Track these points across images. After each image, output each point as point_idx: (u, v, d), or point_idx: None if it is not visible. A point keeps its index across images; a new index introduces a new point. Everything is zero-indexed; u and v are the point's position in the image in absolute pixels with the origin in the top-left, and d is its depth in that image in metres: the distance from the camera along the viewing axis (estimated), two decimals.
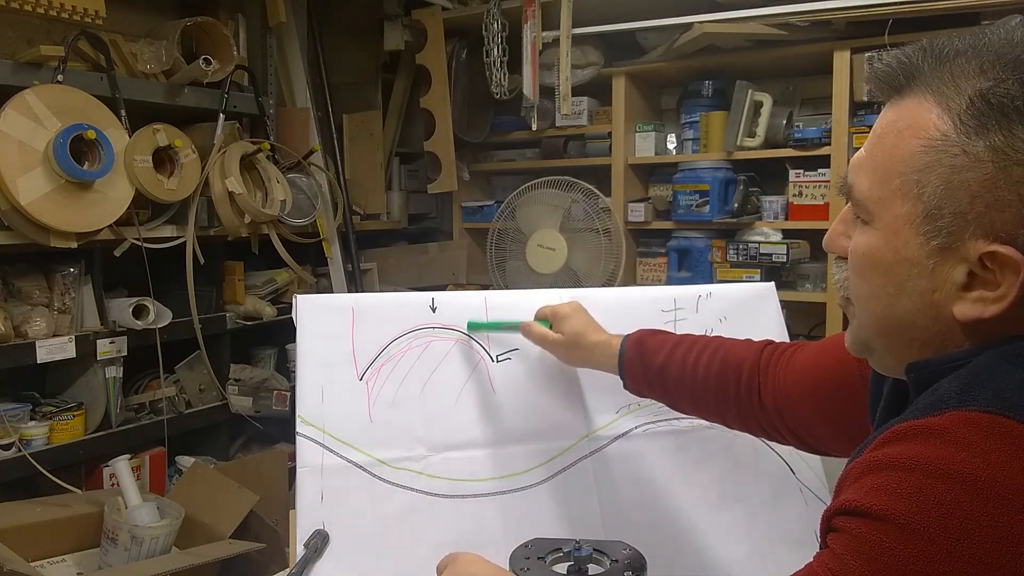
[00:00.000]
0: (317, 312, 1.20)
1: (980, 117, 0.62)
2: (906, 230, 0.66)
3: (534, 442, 1.21)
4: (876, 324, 0.72)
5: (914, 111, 0.66)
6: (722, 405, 1.09)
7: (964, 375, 0.64)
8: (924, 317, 0.68)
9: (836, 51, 2.42)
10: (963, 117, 0.63)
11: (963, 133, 0.63)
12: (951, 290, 0.66)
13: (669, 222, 2.86)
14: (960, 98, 0.64)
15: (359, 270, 2.85)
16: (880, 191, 0.68)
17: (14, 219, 1.90)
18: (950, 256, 0.65)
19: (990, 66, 0.64)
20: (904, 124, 0.67)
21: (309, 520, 1.09)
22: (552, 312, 1.23)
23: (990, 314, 0.64)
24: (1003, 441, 0.58)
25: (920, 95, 0.66)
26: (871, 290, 0.71)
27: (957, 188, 0.63)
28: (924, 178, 0.65)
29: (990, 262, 0.63)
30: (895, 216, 0.67)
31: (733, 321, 1.34)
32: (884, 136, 0.69)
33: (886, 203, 0.68)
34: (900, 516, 0.57)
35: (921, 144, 0.65)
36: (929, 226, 0.65)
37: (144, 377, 2.36)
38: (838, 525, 0.62)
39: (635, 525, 1.19)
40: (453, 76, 3.00)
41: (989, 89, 0.62)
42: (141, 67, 2.23)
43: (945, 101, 0.64)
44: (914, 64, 0.68)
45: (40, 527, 1.86)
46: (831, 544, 0.62)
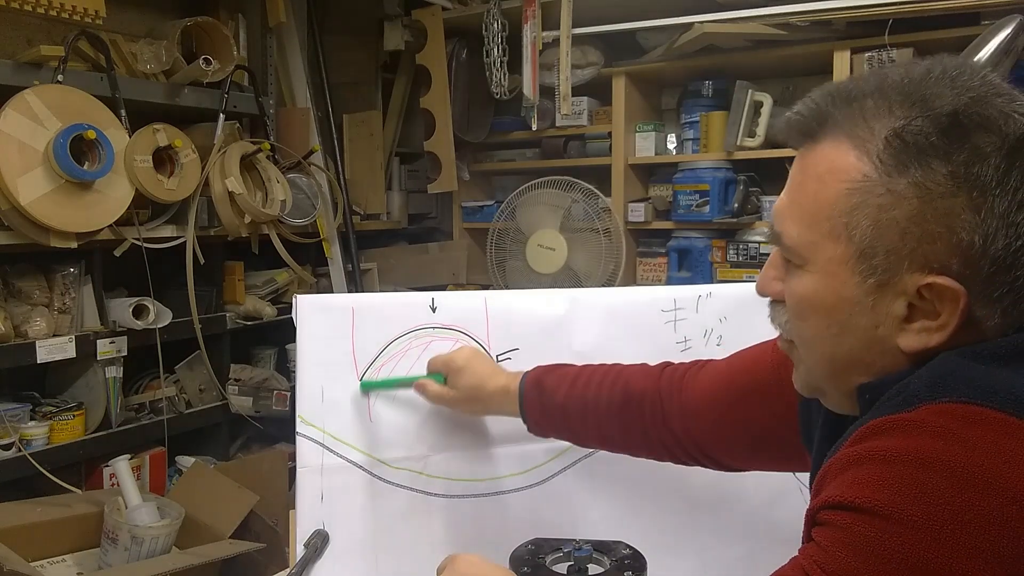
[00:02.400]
0: (317, 312, 1.20)
1: (898, 155, 0.64)
2: (842, 271, 0.67)
3: (534, 442, 1.21)
4: (823, 365, 0.73)
5: (831, 155, 0.67)
6: (628, 435, 1.06)
7: (928, 373, 0.65)
8: (869, 353, 0.69)
9: (836, 51, 2.42)
10: (882, 157, 0.64)
11: (884, 172, 0.64)
12: (893, 324, 0.67)
13: (669, 222, 2.85)
14: (875, 139, 0.65)
15: (359, 270, 2.85)
16: (810, 235, 0.69)
17: (14, 219, 1.90)
18: (888, 291, 0.66)
19: (898, 105, 0.65)
20: (824, 168, 0.68)
21: (309, 520, 1.09)
22: (444, 364, 1.15)
23: (935, 343, 0.65)
24: (981, 428, 0.59)
25: (834, 139, 0.67)
26: (814, 332, 0.72)
27: (886, 226, 0.64)
28: (853, 220, 0.66)
29: (928, 293, 0.64)
30: (829, 259, 0.68)
31: (733, 321, 1.34)
32: (805, 182, 0.70)
33: (818, 247, 0.69)
34: (886, 507, 0.58)
35: (846, 187, 0.66)
36: (864, 265, 0.66)
37: (144, 377, 2.36)
38: (823, 519, 0.62)
39: (635, 525, 1.19)
40: (453, 76, 3.00)
41: (902, 128, 0.64)
42: (141, 67, 2.23)
43: (861, 143, 0.66)
44: (823, 110, 0.69)
45: (40, 527, 1.85)
46: (816, 537, 0.62)
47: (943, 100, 0.63)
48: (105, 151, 1.99)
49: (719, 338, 1.33)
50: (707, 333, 1.32)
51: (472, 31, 2.94)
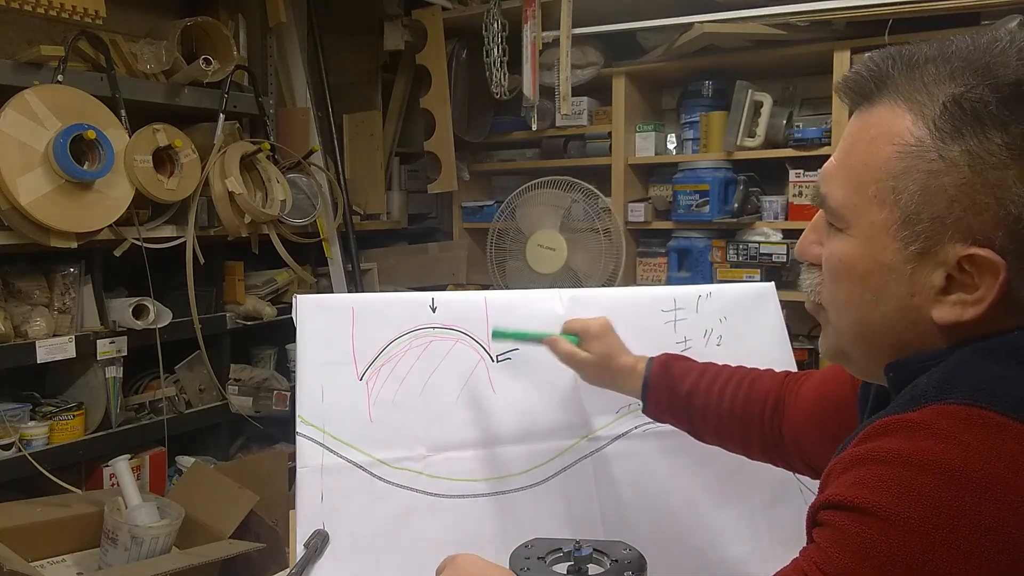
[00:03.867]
0: (317, 312, 1.20)
1: (955, 122, 0.63)
2: (883, 236, 0.67)
3: (534, 442, 1.21)
4: (853, 331, 0.72)
5: (886, 118, 0.67)
6: (746, 437, 1.08)
7: (941, 371, 0.65)
8: (902, 322, 0.68)
9: (836, 51, 2.42)
10: (938, 123, 0.64)
11: (938, 138, 0.64)
12: (929, 294, 0.66)
13: (669, 222, 2.86)
14: (933, 104, 0.64)
15: (359, 270, 2.85)
16: (855, 198, 0.69)
17: (14, 219, 1.90)
18: (928, 261, 0.65)
19: (960, 72, 0.64)
20: (877, 132, 0.67)
21: (309, 520, 1.09)
22: (583, 328, 1.17)
23: (969, 316, 0.65)
24: (981, 431, 0.59)
25: (891, 102, 0.67)
26: (848, 297, 0.71)
27: (935, 193, 0.64)
28: (901, 184, 0.65)
29: (968, 265, 0.64)
30: (871, 223, 0.68)
31: (733, 321, 1.34)
32: (856, 144, 0.69)
33: (862, 210, 0.68)
34: (882, 508, 0.58)
35: (896, 150, 0.65)
36: (907, 231, 0.66)
37: (144, 377, 2.36)
38: (823, 519, 0.63)
39: (635, 525, 1.19)
40: (453, 76, 3.00)
41: (962, 94, 0.63)
42: (141, 67, 2.23)
43: (918, 107, 0.65)
44: (884, 71, 0.68)
45: (40, 527, 1.86)
46: (816, 538, 0.63)
47: (1007, 70, 0.62)
48: (105, 151, 1.99)
49: (719, 338, 1.33)
50: (707, 333, 1.33)
51: (472, 31, 2.94)
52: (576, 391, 1.25)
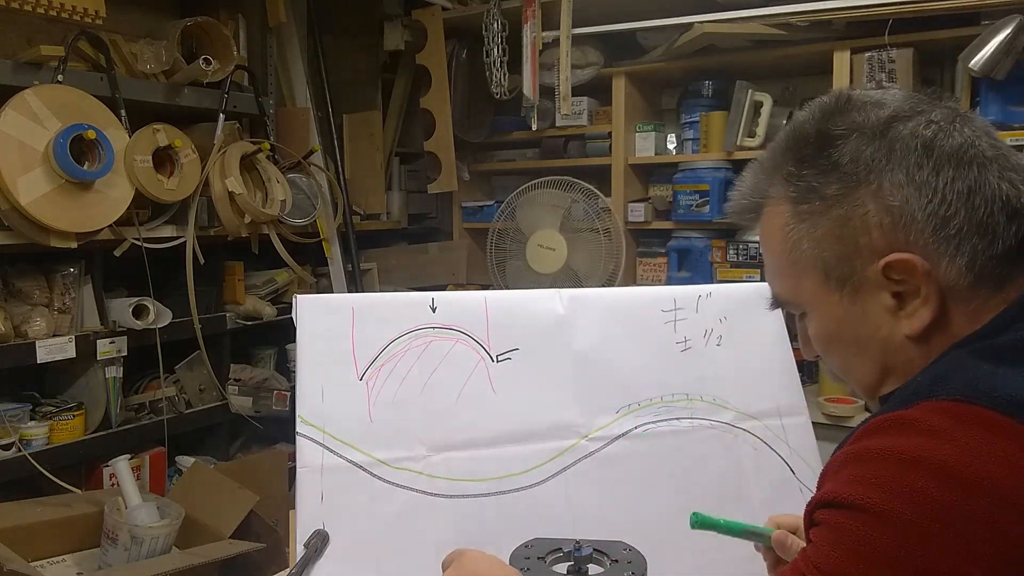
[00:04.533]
0: (317, 312, 1.20)
1: (798, 187, 0.74)
2: (823, 296, 0.75)
3: (534, 442, 1.21)
4: (866, 388, 0.78)
5: (768, 218, 0.79)
6: None
7: (933, 370, 0.68)
8: (890, 356, 0.73)
9: (836, 51, 2.42)
10: (790, 196, 0.75)
11: (799, 203, 0.74)
12: (890, 318, 0.72)
13: (669, 222, 2.86)
14: (781, 183, 0.76)
15: (359, 270, 2.85)
16: (788, 285, 0.78)
17: (14, 219, 1.90)
18: (866, 292, 0.72)
19: (786, 150, 0.77)
20: (767, 231, 0.79)
21: (309, 520, 1.09)
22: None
23: (931, 316, 0.69)
24: (973, 428, 0.60)
25: (767, 206, 0.79)
26: (843, 362, 0.79)
27: (823, 240, 0.73)
28: (799, 253, 0.75)
29: (894, 274, 0.70)
30: (811, 293, 0.76)
31: (733, 321, 1.34)
32: (765, 249, 0.81)
33: (798, 290, 0.77)
34: (876, 505, 0.59)
35: (782, 232, 0.76)
36: (833, 281, 0.74)
37: (144, 377, 2.36)
38: (819, 518, 0.64)
39: (635, 525, 1.19)
40: (453, 76, 3.00)
41: (795, 164, 0.75)
42: (141, 67, 2.23)
43: (778, 193, 0.77)
44: (752, 188, 0.80)
45: (40, 527, 1.85)
46: (813, 538, 0.64)
47: (811, 128, 0.75)
48: (105, 151, 1.99)
49: (719, 338, 1.33)
50: (707, 333, 1.33)
51: (472, 31, 2.94)
52: (576, 391, 1.25)
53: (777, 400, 1.31)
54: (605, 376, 1.24)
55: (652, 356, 1.28)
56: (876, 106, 0.73)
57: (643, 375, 1.26)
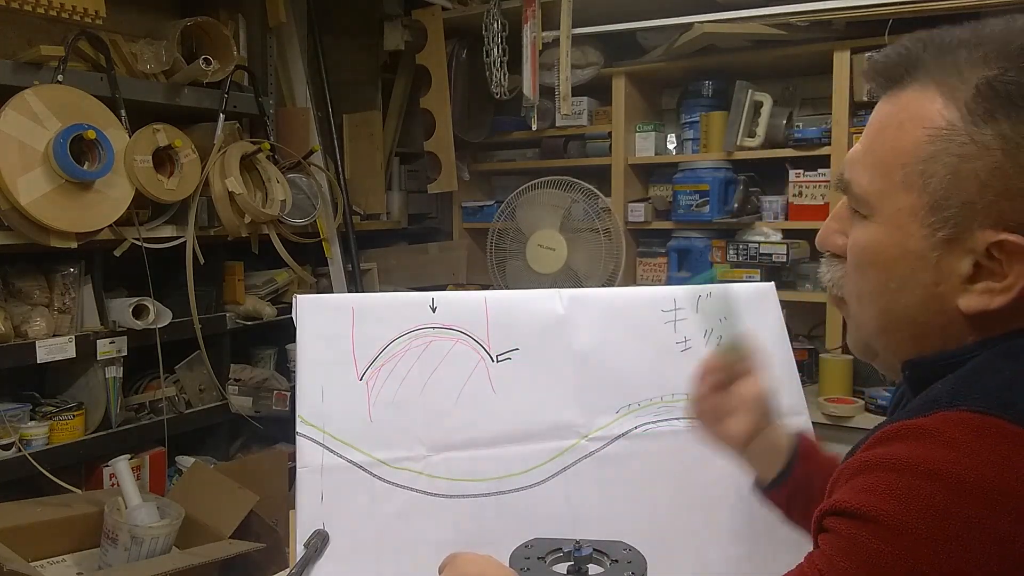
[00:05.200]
0: (317, 312, 1.20)
1: (988, 105, 0.61)
2: (910, 222, 0.65)
3: (534, 442, 1.21)
4: (877, 321, 0.71)
5: (916, 102, 0.65)
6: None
7: (957, 376, 0.64)
8: (927, 312, 0.67)
9: (836, 51, 2.42)
10: (970, 106, 0.62)
11: (970, 121, 0.62)
12: (956, 283, 0.64)
13: (669, 222, 2.86)
14: (966, 87, 0.63)
15: (359, 270, 2.85)
16: (882, 184, 0.67)
17: (14, 219, 1.90)
18: (956, 248, 0.64)
19: (994, 56, 0.63)
20: (906, 116, 0.66)
21: (309, 520, 1.09)
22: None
23: (996, 305, 0.63)
24: (992, 440, 0.58)
25: (922, 86, 0.65)
26: (872, 286, 0.69)
27: (965, 177, 0.62)
28: (930, 168, 0.64)
29: (998, 252, 0.62)
30: (898, 209, 0.66)
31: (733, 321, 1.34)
32: (884, 129, 0.68)
33: (888, 196, 0.66)
34: (888, 517, 0.57)
35: (927, 134, 0.64)
36: (935, 217, 0.64)
37: (144, 377, 2.36)
38: (828, 525, 0.62)
39: (635, 525, 1.19)
40: (453, 76, 3.00)
41: (995, 77, 0.62)
42: (141, 67, 2.23)
43: (950, 91, 0.63)
44: (915, 55, 0.67)
45: (40, 527, 1.85)
46: (821, 544, 0.62)
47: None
48: (105, 151, 1.99)
49: (719, 338, 1.33)
50: (707, 333, 1.32)
51: (472, 31, 2.94)
52: (576, 391, 1.25)
53: (777, 400, 1.31)
54: (605, 376, 1.24)
55: (652, 356, 1.28)
56: None
57: (643, 375, 1.26)
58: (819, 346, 2.60)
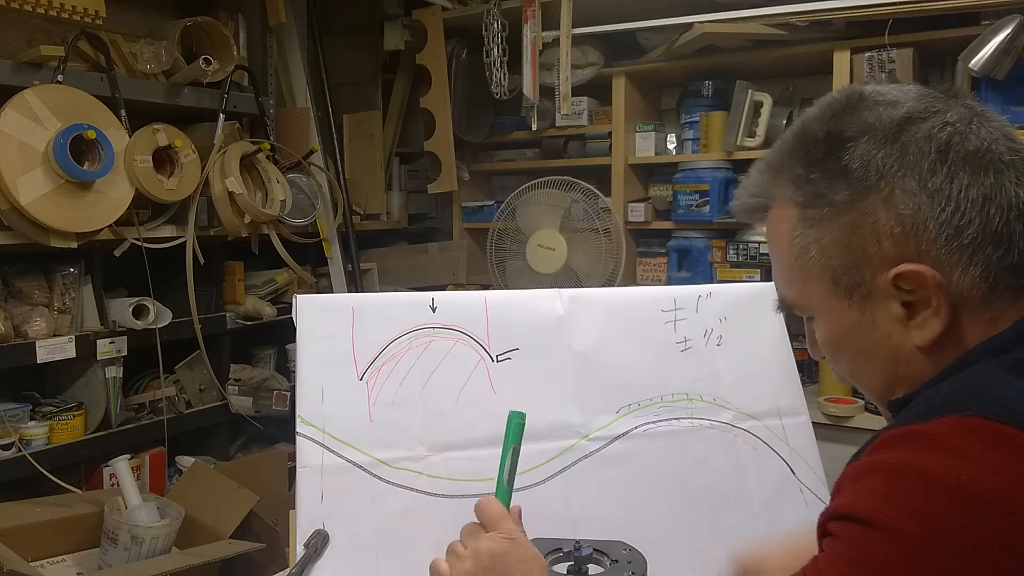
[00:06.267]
0: (317, 312, 1.20)
1: (807, 192, 0.72)
2: (832, 302, 0.73)
3: (534, 442, 1.21)
4: (873, 392, 0.77)
5: (774, 220, 0.77)
6: None
7: (958, 382, 0.65)
8: (898, 364, 0.72)
9: (836, 51, 2.42)
10: (797, 198, 0.73)
11: (805, 206, 0.72)
12: (900, 328, 0.70)
13: (669, 222, 2.86)
14: (792, 187, 0.74)
15: (359, 270, 2.85)
16: (796, 289, 0.77)
17: (14, 219, 1.90)
18: (876, 301, 0.71)
19: (794, 152, 0.74)
20: (774, 233, 0.78)
21: (309, 520, 1.09)
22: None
23: (941, 327, 0.68)
24: (996, 447, 0.58)
25: (772, 206, 0.77)
26: (850, 367, 0.77)
27: (831, 248, 0.71)
28: (808, 260, 0.73)
29: (904, 284, 0.68)
30: (818, 299, 0.75)
31: (733, 321, 1.34)
32: (772, 251, 0.80)
33: (806, 295, 0.76)
34: (890, 522, 0.58)
35: (789, 237, 0.75)
36: (842, 288, 0.72)
37: (144, 377, 2.36)
38: (832, 530, 0.62)
39: (635, 525, 1.19)
40: (453, 76, 3.00)
41: (802, 167, 0.73)
42: (141, 67, 2.23)
43: (786, 196, 0.75)
44: (759, 186, 0.78)
45: (40, 527, 1.85)
46: (825, 548, 0.63)
47: (817, 129, 0.73)
48: (105, 151, 1.99)
49: (719, 338, 1.33)
50: (707, 333, 1.33)
51: (472, 31, 2.94)
52: (576, 391, 1.25)
53: (777, 400, 1.31)
54: (605, 376, 1.24)
55: (652, 356, 1.28)
56: (889, 106, 0.71)
57: (643, 375, 1.26)
58: None
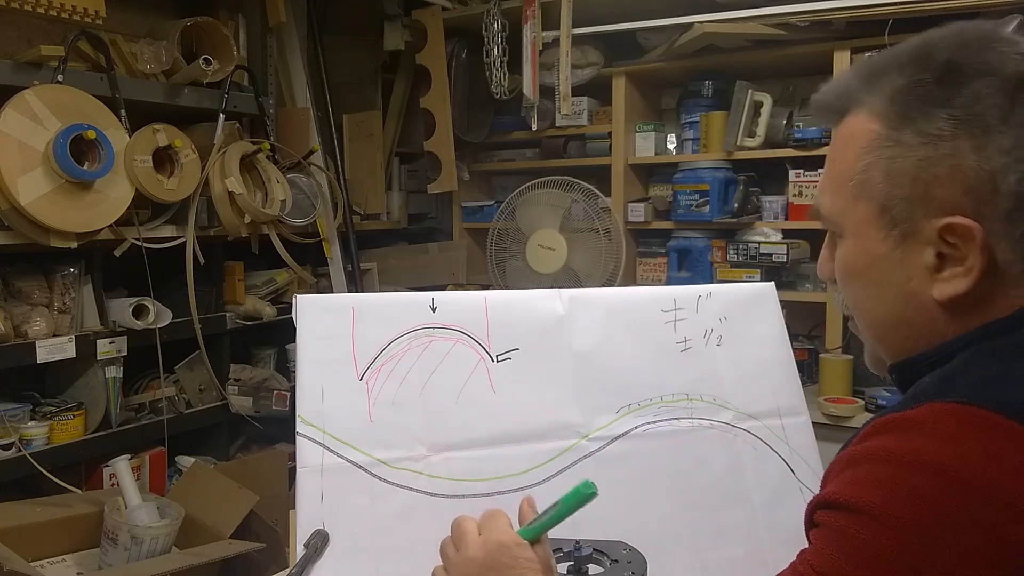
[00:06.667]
0: (317, 312, 1.20)
1: (901, 109, 0.69)
2: (869, 229, 0.72)
3: (534, 442, 1.21)
4: (871, 331, 0.76)
5: (850, 126, 0.74)
6: None
7: (944, 370, 0.66)
8: (908, 309, 0.71)
9: (836, 51, 2.42)
10: (888, 114, 0.70)
11: (891, 127, 0.69)
12: (925, 275, 0.69)
13: (669, 222, 2.86)
14: (884, 100, 0.71)
15: (359, 270, 2.85)
16: (840, 203, 0.74)
17: (14, 219, 1.90)
18: (913, 241, 0.69)
19: (905, 65, 0.70)
20: (844, 140, 0.74)
21: (309, 520, 1.09)
22: None
23: (965, 287, 0.67)
24: (978, 431, 0.59)
25: (854, 112, 0.74)
26: (857, 297, 0.76)
27: (898, 175, 0.69)
28: (869, 176, 0.71)
29: (950, 236, 0.67)
30: (857, 220, 0.73)
31: (733, 321, 1.34)
32: (833, 157, 0.76)
33: (847, 212, 0.73)
34: (875, 508, 0.58)
35: (859, 148, 0.72)
36: (886, 218, 0.70)
37: (144, 377, 2.36)
38: (818, 519, 0.63)
39: (635, 525, 1.19)
40: (453, 76, 3.00)
41: (904, 84, 0.69)
42: (141, 67, 2.23)
43: (873, 108, 0.71)
44: (846, 87, 0.75)
45: (40, 527, 1.85)
46: (812, 539, 0.63)
47: (941, 52, 0.69)
48: (105, 151, 1.99)
49: (719, 338, 1.33)
50: (707, 333, 1.33)
51: (472, 31, 2.94)
52: (576, 391, 1.25)
53: (777, 400, 1.31)
54: (605, 376, 1.24)
55: (652, 356, 1.28)
56: (1021, 59, 0.67)
57: (643, 375, 1.26)
58: (819, 346, 2.60)
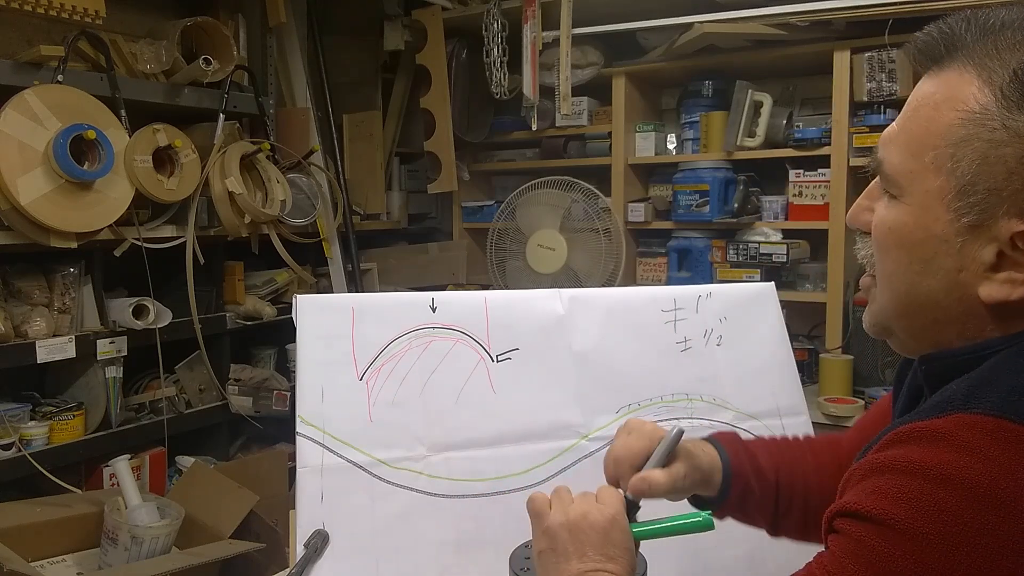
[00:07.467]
0: (317, 312, 1.20)
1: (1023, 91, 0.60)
2: (937, 205, 0.64)
3: (534, 442, 1.21)
4: (897, 303, 0.69)
5: (954, 83, 0.64)
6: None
7: (974, 376, 0.63)
8: (948, 297, 0.65)
9: (836, 51, 2.42)
10: (1006, 91, 0.61)
11: (1004, 107, 0.61)
12: (978, 270, 0.63)
13: (669, 222, 2.86)
14: (1004, 71, 0.61)
15: (359, 270, 2.85)
16: (912, 164, 0.65)
17: (14, 219, 1.90)
18: (980, 235, 0.62)
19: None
20: (942, 96, 0.64)
21: (309, 520, 1.09)
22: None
23: (1017, 296, 0.62)
24: (1007, 446, 0.57)
25: (961, 67, 0.64)
26: (895, 267, 0.68)
27: (994, 163, 0.61)
28: (960, 152, 0.62)
29: (1022, 242, 0.61)
30: (926, 191, 0.65)
31: (733, 321, 1.34)
32: (920, 108, 0.66)
33: (918, 177, 0.65)
34: (900, 521, 0.56)
35: (959, 116, 0.63)
36: (961, 202, 0.63)
37: (144, 377, 2.36)
38: (838, 527, 0.61)
39: None
40: (453, 76, 3.00)
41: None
42: (141, 67, 2.23)
43: (988, 74, 0.62)
44: (957, 35, 0.65)
45: (40, 527, 1.86)
46: (831, 546, 0.61)
47: None
48: (105, 151, 1.99)
49: (719, 338, 1.33)
50: (707, 333, 1.33)
51: (472, 31, 2.94)
52: (576, 391, 1.25)
53: (777, 400, 1.31)
54: (605, 376, 1.24)
55: (652, 356, 1.28)
56: None
57: (643, 375, 1.26)
58: (819, 346, 2.60)
